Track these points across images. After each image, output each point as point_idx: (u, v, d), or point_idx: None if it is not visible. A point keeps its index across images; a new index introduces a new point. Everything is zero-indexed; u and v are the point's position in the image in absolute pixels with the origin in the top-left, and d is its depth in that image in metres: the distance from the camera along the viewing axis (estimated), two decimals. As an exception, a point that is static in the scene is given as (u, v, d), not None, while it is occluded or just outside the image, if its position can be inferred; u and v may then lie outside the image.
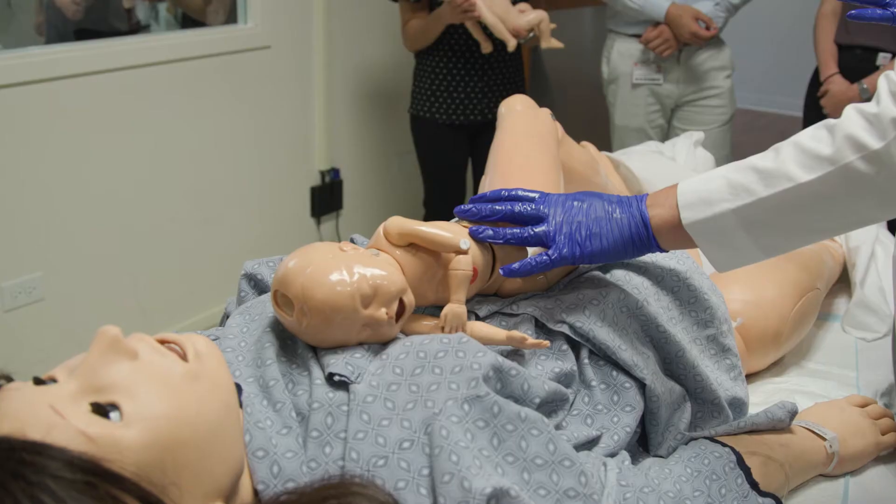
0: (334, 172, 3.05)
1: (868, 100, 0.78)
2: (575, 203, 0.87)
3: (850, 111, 0.78)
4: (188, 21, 2.73)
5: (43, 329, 2.26)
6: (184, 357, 0.65)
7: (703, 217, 0.81)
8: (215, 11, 2.71)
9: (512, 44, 2.26)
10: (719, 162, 2.14)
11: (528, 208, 0.88)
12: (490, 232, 0.87)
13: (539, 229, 0.87)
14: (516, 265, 0.86)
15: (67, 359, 0.64)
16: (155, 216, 2.49)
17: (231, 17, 2.70)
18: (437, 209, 2.70)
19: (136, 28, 2.65)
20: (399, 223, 0.84)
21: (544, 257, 0.86)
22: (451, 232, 0.85)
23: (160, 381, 0.61)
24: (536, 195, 0.90)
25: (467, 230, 0.88)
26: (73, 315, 2.32)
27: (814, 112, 2.55)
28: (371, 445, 0.68)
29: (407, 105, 2.68)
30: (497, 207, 0.89)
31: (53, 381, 0.61)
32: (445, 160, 2.66)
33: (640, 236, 0.85)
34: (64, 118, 2.20)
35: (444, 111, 2.56)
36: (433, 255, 0.85)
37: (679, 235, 0.84)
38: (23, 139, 2.13)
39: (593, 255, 0.86)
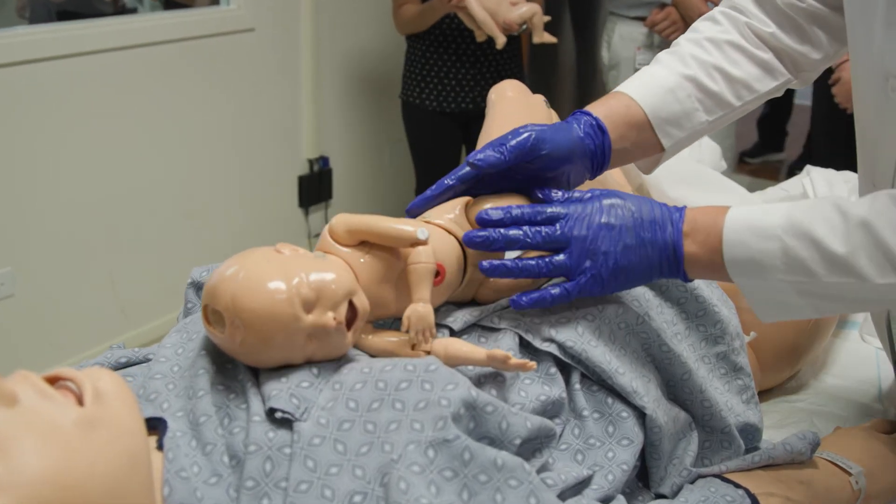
0: (323, 161, 2.94)
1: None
2: (603, 219, 0.75)
3: None
4: (173, 4, 2.66)
5: (12, 328, 2.14)
6: (80, 400, 0.53)
7: (752, 281, 0.72)
8: (202, -7, 2.62)
9: (501, 41, 2.16)
10: (725, 152, 2.02)
11: (550, 233, 0.75)
12: (507, 267, 0.75)
13: (559, 259, 0.75)
14: (525, 300, 0.75)
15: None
16: (134, 207, 2.38)
17: (214, -1, 2.60)
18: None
19: (121, 10, 2.61)
20: (346, 218, 0.74)
21: (562, 291, 0.75)
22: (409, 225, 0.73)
23: (43, 434, 0.49)
24: (560, 203, 0.77)
25: (423, 223, 0.76)
26: (45, 313, 2.20)
27: (824, 101, 2.42)
28: (316, 499, 0.57)
29: (399, 90, 2.57)
30: (512, 234, 0.76)
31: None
32: (436, 148, 2.56)
33: (669, 269, 0.76)
34: (40, 103, 2.09)
35: (435, 98, 2.45)
36: (389, 252, 0.74)
37: (714, 275, 0.75)
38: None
39: (615, 290, 0.77)
